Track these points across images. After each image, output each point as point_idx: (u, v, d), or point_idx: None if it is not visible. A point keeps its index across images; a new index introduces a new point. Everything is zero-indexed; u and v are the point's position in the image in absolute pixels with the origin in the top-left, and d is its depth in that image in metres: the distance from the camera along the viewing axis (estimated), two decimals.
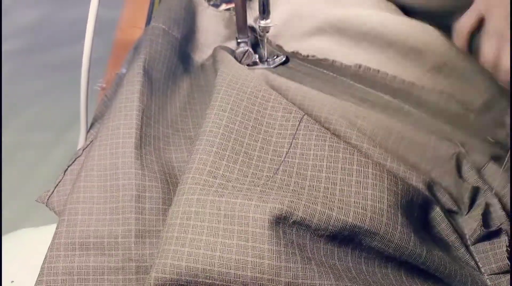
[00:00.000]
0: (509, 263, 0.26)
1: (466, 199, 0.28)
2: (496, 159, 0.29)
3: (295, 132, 0.29)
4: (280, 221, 0.24)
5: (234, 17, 0.38)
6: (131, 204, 0.29)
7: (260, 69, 0.39)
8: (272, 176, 0.27)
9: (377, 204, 0.24)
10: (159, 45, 0.36)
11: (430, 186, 0.28)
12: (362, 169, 0.26)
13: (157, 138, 0.33)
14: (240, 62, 0.38)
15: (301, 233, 0.24)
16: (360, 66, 0.35)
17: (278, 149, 0.29)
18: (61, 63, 0.83)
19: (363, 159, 0.27)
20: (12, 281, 0.32)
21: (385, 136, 0.31)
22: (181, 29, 0.39)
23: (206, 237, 0.24)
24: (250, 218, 0.24)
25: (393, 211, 0.25)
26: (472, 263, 0.26)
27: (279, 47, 0.41)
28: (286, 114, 0.30)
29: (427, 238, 0.26)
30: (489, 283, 0.26)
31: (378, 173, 0.26)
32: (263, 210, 0.24)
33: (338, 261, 0.24)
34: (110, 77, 0.41)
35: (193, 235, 0.24)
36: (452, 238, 0.27)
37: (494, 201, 0.27)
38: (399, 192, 0.26)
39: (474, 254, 0.27)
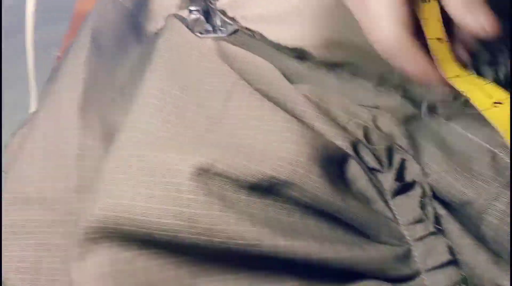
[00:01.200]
0: (423, 212, 0.27)
1: (384, 158, 0.29)
2: (407, 120, 0.30)
3: (229, 96, 0.30)
4: (201, 172, 0.25)
5: None
6: (72, 162, 0.30)
7: (211, 37, 0.40)
8: (203, 135, 0.28)
9: (295, 157, 0.26)
10: (108, 14, 0.37)
11: (355, 146, 0.29)
12: (286, 125, 0.27)
13: (102, 102, 0.34)
14: (192, 30, 0.39)
15: (222, 184, 0.25)
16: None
17: (212, 111, 0.30)
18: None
19: (287, 116, 0.28)
20: None
21: (320, 95, 0.32)
22: (133, 3, 0.40)
23: (131, 188, 0.25)
24: (173, 169, 0.25)
25: (310, 163, 0.26)
26: (390, 215, 0.28)
27: (231, 19, 0.42)
28: (222, 79, 0.31)
29: (346, 191, 0.28)
30: (406, 233, 0.27)
31: (299, 129, 0.27)
32: (185, 162, 0.25)
33: (259, 210, 0.26)
34: (67, 46, 0.42)
35: (119, 186, 0.25)
36: (371, 192, 0.28)
37: (408, 156, 0.29)
38: (319, 147, 0.27)
39: (392, 207, 0.28)
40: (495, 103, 0.25)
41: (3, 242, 0.29)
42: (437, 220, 0.27)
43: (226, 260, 0.25)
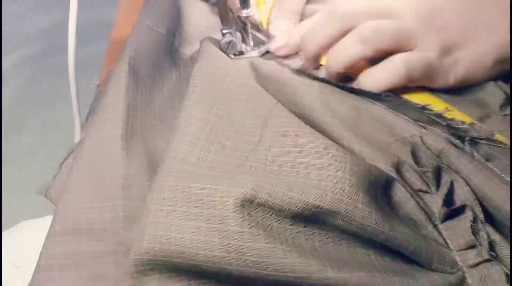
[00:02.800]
0: (474, 238, 0.26)
1: (432, 179, 0.28)
2: (452, 142, 0.29)
3: (266, 121, 0.30)
4: (245, 204, 0.25)
5: None
6: (118, 192, 0.31)
7: (245, 58, 0.40)
8: (242, 164, 0.29)
9: (338, 185, 0.25)
10: (144, 41, 0.38)
11: (398, 167, 0.28)
12: (326, 152, 0.27)
13: (144, 129, 0.35)
14: (225, 52, 0.39)
15: (266, 215, 0.25)
16: None
17: (250, 138, 0.30)
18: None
19: (327, 142, 0.27)
20: (18, 267, 0.35)
21: (356, 117, 0.31)
22: (166, 24, 0.40)
23: (177, 221, 0.26)
24: (217, 201, 0.25)
25: (354, 191, 0.25)
26: (441, 240, 0.27)
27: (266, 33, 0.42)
28: (258, 105, 0.31)
29: (393, 217, 0.27)
30: (458, 259, 0.26)
31: (341, 154, 0.27)
32: (229, 193, 0.25)
33: (305, 240, 0.25)
34: (105, 75, 0.43)
35: (166, 219, 0.26)
36: (419, 217, 0.27)
37: (457, 177, 0.28)
38: (361, 173, 0.26)
39: (443, 232, 0.27)
40: None
41: (53, 274, 0.30)
42: (491, 245, 0.26)
43: None
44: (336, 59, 0.34)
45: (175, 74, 0.40)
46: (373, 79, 0.32)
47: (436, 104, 0.32)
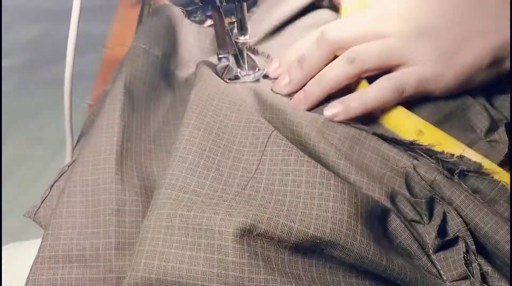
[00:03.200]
0: (467, 269, 0.26)
1: (424, 210, 0.28)
2: (443, 173, 0.30)
3: (264, 149, 0.30)
4: (245, 234, 0.25)
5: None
6: (112, 218, 0.30)
7: (241, 82, 0.40)
8: (241, 192, 0.28)
9: (337, 216, 0.25)
10: (140, 64, 0.38)
11: (392, 197, 0.29)
12: (325, 182, 0.27)
13: (138, 154, 0.34)
14: (221, 77, 0.39)
15: (265, 245, 0.25)
16: None
17: (248, 166, 0.30)
18: (58, 78, 0.85)
19: (325, 171, 0.28)
20: None
21: (351, 146, 0.32)
22: (162, 47, 0.40)
23: (174, 250, 0.25)
24: (216, 231, 0.25)
25: (353, 222, 0.25)
26: (434, 271, 0.27)
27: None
28: (256, 132, 0.31)
29: (389, 248, 0.27)
30: None
31: (339, 184, 0.27)
32: (228, 223, 0.25)
33: (303, 271, 0.25)
34: (98, 94, 0.42)
35: (163, 248, 0.25)
36: (413, 247, 0.27)
37: (450, 209, 0.28)
38: (359, 203, 0.26)
39: (436, 263, 0.27)
40: None
41: None
42: (483, 277, 0.26)
43: None
44: (322, 81, 0.34)
45: (170, 97, 0.40)
46: (361, 100, 0.33)
47: (427, 130, 0.32)
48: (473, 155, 0.30)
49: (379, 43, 0.33)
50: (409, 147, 0.31)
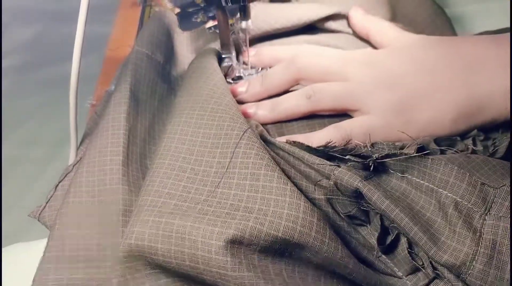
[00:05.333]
0: (415, 263, 0.27)
1: (361, 214, 0.28)
2: (361, 176, 0.28)
3: (238, 142, 0.29)
4: (232, 245, 0.24)
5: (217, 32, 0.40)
6: (119, 218, 0.30)
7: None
8: (214, 190, 0.28)
9: (308, 217, 0.25)
10: (143, 69, 0.38)
11: (331, 203, 0.29)
12: (295, 188, 0.27)
13: (143, 156, 0.34)
14: (224, 76, 0.40)
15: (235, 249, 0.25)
16: None
17: (222, 160, 0.29)
18: (57, 79, 0.85)
19: (294, 189, 0.27)
20: None
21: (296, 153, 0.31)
22: (163, 53, 0.41)
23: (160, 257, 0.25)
24: (199, 242, 0.25)
25: (322, 225, 0.25)
26: (389, 271, 0.28)
27: None
28: (232, 124, 0.30)
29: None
30: (409, 283, 0.27)
31: (308, 206, 0.26)
32: (211, 234, 0.25)
33: (275, 275, 0.25)
34: (100, 94, 0.42)
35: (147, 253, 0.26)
36: (364, 251, 0.28)
37: (378, 211, 0.28)
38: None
39: (388, 261, 0.28)
40: None
41: None
42: (433, 266, 0.27)
43: None
44: (275, 108, 0.35)
45: (172, 101, 0.40)
46: (307, 142, 0.31)
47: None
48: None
49: (339, 85, 0.34)
50: (326, 153, 0.30)
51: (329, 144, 0.30)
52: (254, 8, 0.41)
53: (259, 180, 0.27)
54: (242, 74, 0.41)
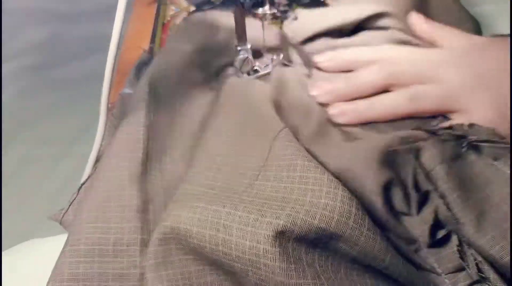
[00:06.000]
0: (462, 262, 0.26)
1: (413, 202, 0.28)
2: (446, 160, 0.28)
3: (276, 135, 0.30)
4: (279, 236, 0.24)
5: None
6: (137, 215, 0.31)
7: (261, 75, 0.40)
8: (252, 183, 0.29)
9: (346, 206, 0.25)
10: (165, 63, 0.38)
11: (387, 187, 0.28)
12: (333, 178, 0.26)
13: (163, 153, 0.35)
14: (240, 69, 0.40)
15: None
16: None
17: (261, 155, 0.30)
18: (69, 80, 0.86)
19: (332, 178, 0.26)
20: None
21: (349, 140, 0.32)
22: (196, 40, 0.41)
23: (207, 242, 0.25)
24: (248, 232, 0.25)
25: (360, 214, 0.25)
26: (428, 266, 0.27)
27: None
28: (269, 125, 0.32)
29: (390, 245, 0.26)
30: (447, 282, 0.26)
31: (347, 195, 0.26)
32: (261, 224, 0.25)
33: (307, 267, 0.25)
34: (115, 94, 0.43)
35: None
36: (403, 243, 0.27)
37: (440, 202, 0.28)
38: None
39: (429, 256, 0.27)
40: None
41: None
42: (479, 267, 0.26)
43: None
44: (375, 106, 0.35)
45: (209, 92, 0.40)
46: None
47: None
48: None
49: (439, 88, 0.34)
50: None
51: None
52: (299, 13, 0.41)
53: (296, 170, 0.27)
54: (257, 67, 0.41)
